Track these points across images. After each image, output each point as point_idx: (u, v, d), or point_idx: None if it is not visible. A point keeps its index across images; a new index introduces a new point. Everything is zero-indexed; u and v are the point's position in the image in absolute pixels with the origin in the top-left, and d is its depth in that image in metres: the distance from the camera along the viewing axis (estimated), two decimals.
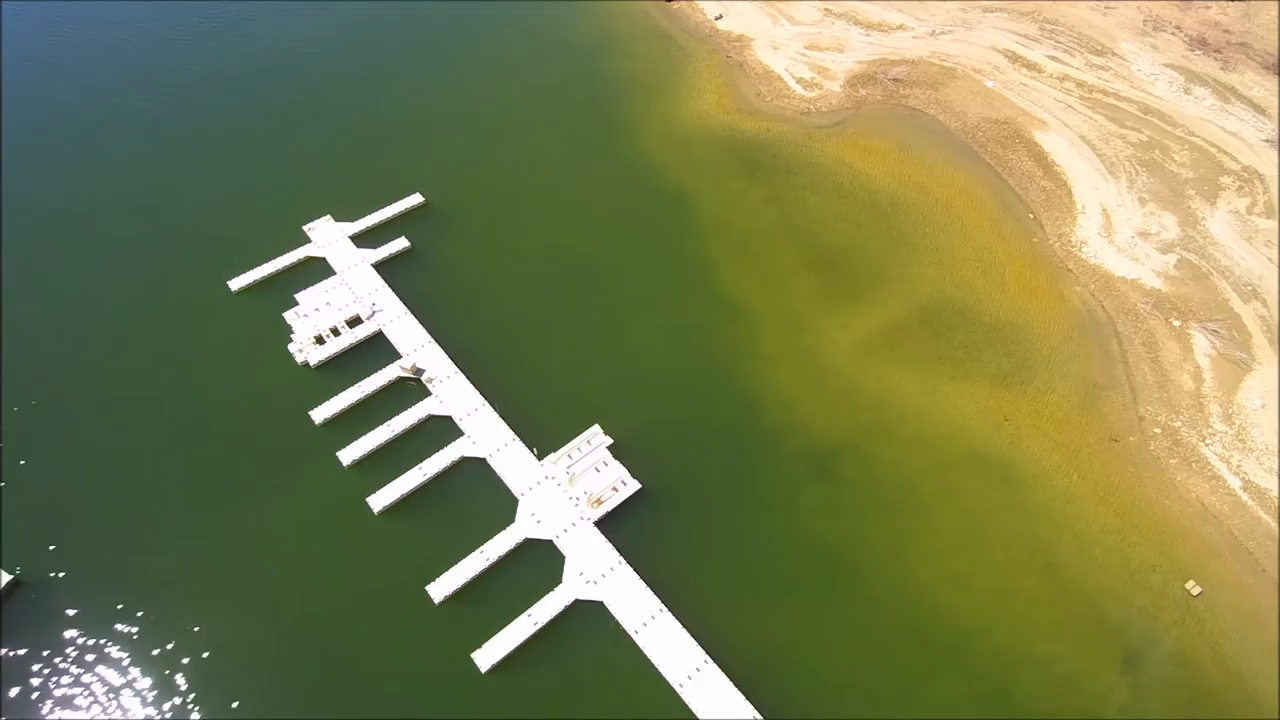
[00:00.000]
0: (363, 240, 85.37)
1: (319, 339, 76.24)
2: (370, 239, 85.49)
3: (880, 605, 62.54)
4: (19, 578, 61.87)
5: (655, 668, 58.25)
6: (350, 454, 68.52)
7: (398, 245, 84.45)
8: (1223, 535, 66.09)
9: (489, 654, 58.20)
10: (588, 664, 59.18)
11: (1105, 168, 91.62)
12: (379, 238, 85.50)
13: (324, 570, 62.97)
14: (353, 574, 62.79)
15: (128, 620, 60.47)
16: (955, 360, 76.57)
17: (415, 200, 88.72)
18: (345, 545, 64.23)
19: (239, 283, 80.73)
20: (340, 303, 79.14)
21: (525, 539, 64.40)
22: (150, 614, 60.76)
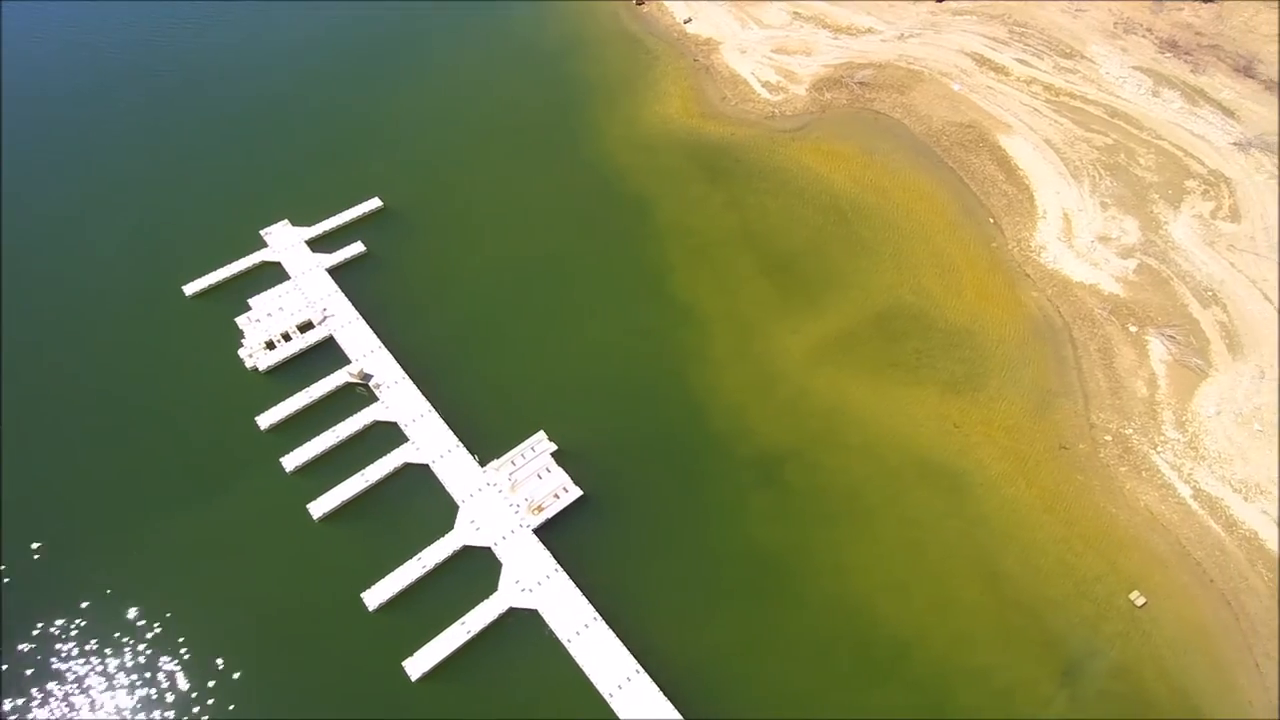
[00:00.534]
0: (319, 245, 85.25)
1: (270, 344, 76.06)
2: (327, 244, 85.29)
3: (819, 614, 62.05)
4: None
5: (586, 676, 57.85)
6: (293, 460, 68.32)
7: (353, 250, 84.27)
8: (1170, 544, 65.23)
9: (420, 662, 57.92)
10: (519, 672, 58.81)
11: (1069, 171, 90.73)
12: (335, 242, 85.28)
13: (260, 577, 62.80)
14: (288, 581, 62.65)
15: (61, 626, 60.30)
16: (908, 366, 75.90)
17: (374, 205, 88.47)
18: (282, 552, 64.08)
19: (194, 287, 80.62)
20: (293, 308, 78.97)
21: (463, 546, 64.10)
22: (82, 620, 60.58)
